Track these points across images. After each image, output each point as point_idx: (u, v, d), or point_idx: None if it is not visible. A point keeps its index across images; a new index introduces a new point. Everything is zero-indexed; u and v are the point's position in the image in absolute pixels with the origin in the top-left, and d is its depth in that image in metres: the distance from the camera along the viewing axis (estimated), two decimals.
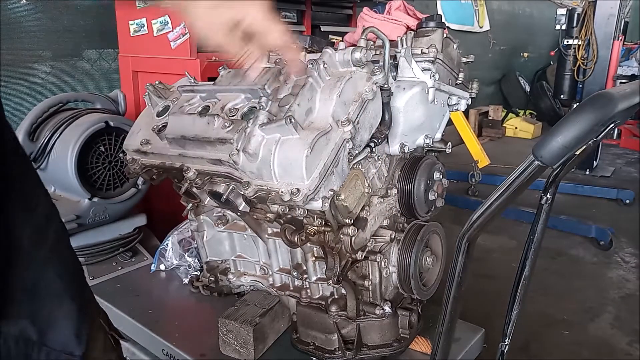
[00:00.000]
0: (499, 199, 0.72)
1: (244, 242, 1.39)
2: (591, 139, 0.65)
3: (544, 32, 7.91)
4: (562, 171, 0.81)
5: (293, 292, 1.31)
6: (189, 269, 1.63)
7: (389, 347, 1.23)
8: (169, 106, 1.26)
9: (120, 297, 1.55)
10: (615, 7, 4.21)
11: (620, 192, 3.80)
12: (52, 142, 1.65)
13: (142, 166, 1.26)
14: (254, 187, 1.01)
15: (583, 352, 2.00)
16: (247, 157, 1.00)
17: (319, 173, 0.96)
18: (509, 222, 3.25)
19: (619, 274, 2.69)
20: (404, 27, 1.31)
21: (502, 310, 0.96)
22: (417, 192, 1.19)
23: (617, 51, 4.39)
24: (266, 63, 1.22)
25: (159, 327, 1.39)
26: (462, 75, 1.30)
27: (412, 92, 1.13)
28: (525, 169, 0.67)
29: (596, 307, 2.34)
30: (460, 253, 0.78)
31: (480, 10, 6.30)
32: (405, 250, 1.17)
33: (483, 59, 6.57)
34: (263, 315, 1.26)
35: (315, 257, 1.20)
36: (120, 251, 1.81)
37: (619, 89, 0.67)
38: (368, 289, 1.20)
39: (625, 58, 5.57)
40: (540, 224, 0.88)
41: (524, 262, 0.92)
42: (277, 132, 0.98)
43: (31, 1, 2.24)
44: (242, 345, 1.23)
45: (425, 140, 1.22)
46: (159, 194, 2.08)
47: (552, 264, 2.78)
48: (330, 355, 1.21)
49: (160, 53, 2.00)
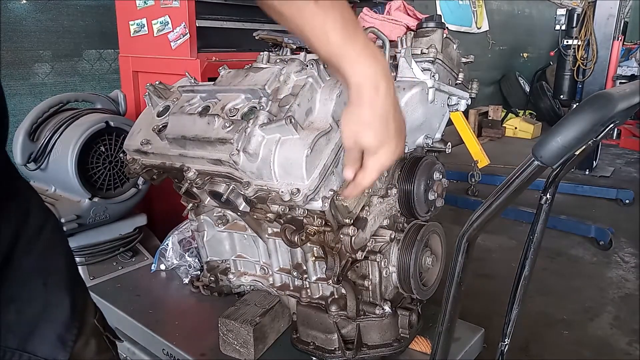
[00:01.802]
0: (498, 199, 0.72)
1: (244, 242, 1.39)
2: (591, 139, 0.65)
3: (544, 32, 7.91)
4: (562, 171, 0.81)
5: (293, 291, 1.31)
6: (189, 269, 1.63)
7: (389, 347, 1.23)
8: (169, 106, 1.26)
9: (121, 297, 1.55)
10: (615, 7, 4.21)
11: (620, 192, 3.80)
12: (53, 142, 1.65)
13: (143, 166, 1.27)
14: (254, 187, 1.01)
15: (583, 352, 2.00)
16: (247, 157, 1.00)
17: (319, 173, 0.96)
18: (508, 222, 3.25)
19: (618, 273, 2.70)
20: (404, 28, 1.31)
21: (502, 310, 0.96)
22: (417, 192, 1.19)
23: (617, 51, 4.39)
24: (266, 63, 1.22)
25: (159, 327, 1.39)
26: (461, 75, 1.30)
27: (412, 92, 1.13)
28: (525, 169, 0.68)
29: (596, 307, 2.34)
30: (460, 253, 0.78)
31: (478, 11, 6.31)
32: (405, 250, 1.17)
33: (482, 59, 6.57)
34: (263, 315, 1.26)
35: (315, 257, 1.20)
36: (121, 251, 1.81)
37: (619, 89, 0.67)
38: (368, 288, 1.20)
39: (624, 58, 5.57)
40: (540, 224, 0.88)
41: (524, 261, 0.92)
42: (277, 132, 0.98)
43: (31, 1, 2.24)
44: (242, 344, 1.23)
45: (425, 140, 1.22)
46: (159, 194, 2.08)
47: (552, 264, 2.78)
48: (330, 355, 1.22)
49: (160, 53, 2.00)
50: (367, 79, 0.70)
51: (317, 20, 0.66)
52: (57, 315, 0.63)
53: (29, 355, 0.59)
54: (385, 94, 0.72)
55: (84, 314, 0.68)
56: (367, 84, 0.71)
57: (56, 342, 0.62)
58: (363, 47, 0.69)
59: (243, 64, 1.27)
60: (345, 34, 0.67)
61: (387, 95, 0.72)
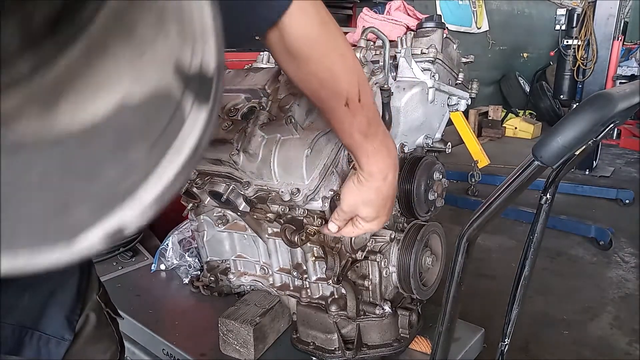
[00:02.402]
0: (498, 199, 0.72)
1: (244, 242, 1.39)
2: (591, 139, 0.65)
3: (544, 32, 7.91)
4: (562, 171, 0.81)
5: (293, 291, 1.31)
6: (189, 269, 1.63)
7: (389, 347, 1.23)
8: None
9: (121, 297, 1.55)
10: (615, 7, 4.21)
11: (620, 192, 3.80)
12: None
13: None
14: (254, 187, 1.01)
15: (583, 352, 2.00)
16: (247, 157, 1.00)
17: (319, 173, 0.96)
18: (508, 222, 3.25)
19: (618, 273, 2.70)
20: (404, 28, 1.31)
21: (502, 310, 0.96)
22: (417, 192, 1.19)
23: (617, 51, 4.39)
24: (266, 63, 1.22)
25: (159, 327, 1.39)
26: (461, 75, 1.30)
27: (412, 92, 1.13)
28: (525, 169, 0.68)
29: (596, 307, 2.34)
30: (460, 253, 0.78)
31: (478, 11, 6.31)
32: (405, 250, 1.17)
33: (482, 59, 6.57)
34: (263, 315, 1.26)
35: (315, 257, 1.20)
36: (121, 251, 1.81)
37: (619, 89, 0.67)
38: (368, 288, 1.20)
39: (624, 58, 5.58)
40: (540, 224, 0.88)
41: (524, 262, 0.92)
42: (277, 132, 0.98)
43: None
44: (242, 344, 1.23)
45: (425, 140, 1.22)
46: None
47: (552, 264, 2.78)
48: (330, 355, 1.22)
49: None
50: (379, 171, 0.81)
51: (346, 120, 0.75)
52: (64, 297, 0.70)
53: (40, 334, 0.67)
54: (391, 182, 0.83)
55: (87, 292, 0.75)
56: (378, 174, 0.81)
57: (63, 322, 0.70)
58: (380, 143, 0.79)
59: (243, 64, 1.27)
60: (367, 134, 0.76)
61: (392, 183, 0.83)
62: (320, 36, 0.67)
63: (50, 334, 0.67)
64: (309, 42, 0.66)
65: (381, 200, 0.84)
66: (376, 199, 0.84)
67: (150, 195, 0.24)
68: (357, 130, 0.75)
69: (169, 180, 0.24)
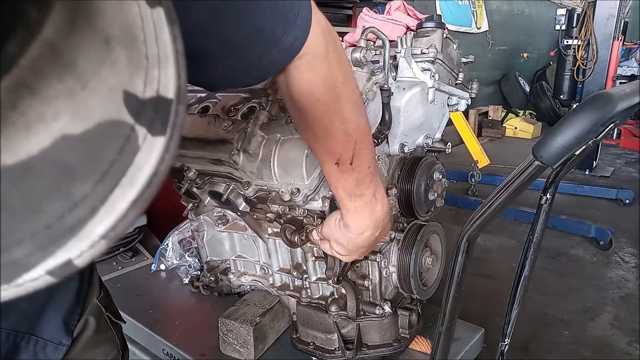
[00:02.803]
0: (498, 199, 0.72)
1: (244, 242, 1.39)
2: (591, 139, 0.65)
3: (544, 32, 7.92)
4: (562, 171, 0.81)
5: (293, 291, 1.31)
6: (189, 269, 1.63)
7: (389, 347, 1.23)
8: None
9: (121, 297, 1.55)
10: (615, 7, 4.22)
11: (620, 192, 3.80)
12: None
13: None
14: (254, 187, 1.01)
15: (583, 352, 2.00)
16: (247, 157, 1.00)
17: (319, 173, 0.96)
18: (508, 222, 3.25)
19: (618, 273, 2.70)
20: (404, 28, 1.31)
21: (502, 310, 0.96)
22: (417, 192, 1.19)
23: (617, 51, 4.39)
24: None
25: (159, 327, 1.39)
26: (461, 75, 1.30)
27: (412, 92, 1.13)
28: (525, 169, 0.68)
29: (596, 306, 2.34)
30: (460, 253, 0.79)
31: (478, 11, 6.31)
32: (405, 250, 1.17)
33: (482, 59, 6.57)
34: (263, 315, 1.26)
35: (315, 257, 1.20)
36: (121, 251, 1.81)
37: (619, 89, 0.67)
38: (368, 288, 1.20)
39: (624, 58, 5.58)
40: (540, 224, 0.88)
41: (524, 262, 0.92)
42: (277, 132, 0.98)
43: None
44: (242, 344, 1.23)
45: (425, 140, 1.22)
46: (159, 194, 2.06)
47: (552, 264, 2.78)
48: (330, 354, 1.22)
49: None
50: (356, 227, 0.81)
51: (333, 176, 0.76)
52: (62, 301, 0.69)
53: (37, 339, 0.65)
54: (367, 238, 0.83)
55: (87, 296, 0.73)
56: (354, 230, 0.82)
57: (61, 326, 0.68)
58: (363, 205, 0.78)
59: None
60: (351, 194, 0.77)
61: (367, 239, 0.83)
62: (324, 96, 0.66)
63: (47, 339, 0.66)
64: (311, 100, 0.65)
65: (352, 248, 0.86)
66: (347, 245, 0.85)
67: (101, 229, 0.23)
68: (342, 187, 0.76)
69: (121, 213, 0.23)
